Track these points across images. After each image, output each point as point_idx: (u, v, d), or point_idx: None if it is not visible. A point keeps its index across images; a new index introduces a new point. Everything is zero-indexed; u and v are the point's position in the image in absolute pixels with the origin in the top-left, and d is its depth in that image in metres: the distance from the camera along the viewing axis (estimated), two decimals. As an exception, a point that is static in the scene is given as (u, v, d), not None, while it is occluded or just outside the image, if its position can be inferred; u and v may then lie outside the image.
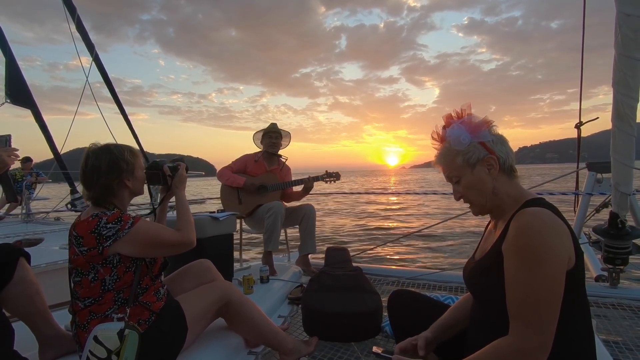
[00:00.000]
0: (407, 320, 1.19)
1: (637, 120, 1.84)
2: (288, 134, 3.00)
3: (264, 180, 2.80)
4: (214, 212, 2.33)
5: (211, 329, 1.46)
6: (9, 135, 1.46)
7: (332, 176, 2.86)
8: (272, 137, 2.88)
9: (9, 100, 3.84)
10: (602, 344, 1.38)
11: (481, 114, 0.98)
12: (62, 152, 4.67)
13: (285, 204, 2.93)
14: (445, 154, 1.01)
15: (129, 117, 4.82)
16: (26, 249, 1.36)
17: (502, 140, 0.98)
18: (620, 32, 1.71)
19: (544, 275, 0.79)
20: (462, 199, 1.02)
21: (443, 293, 2.20)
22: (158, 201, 1.56)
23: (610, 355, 1.29)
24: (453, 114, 1.01)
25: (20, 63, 4.10)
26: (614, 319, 1.85)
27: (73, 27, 4.29)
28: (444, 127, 1.02)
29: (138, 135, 4.82)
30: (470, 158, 0.96)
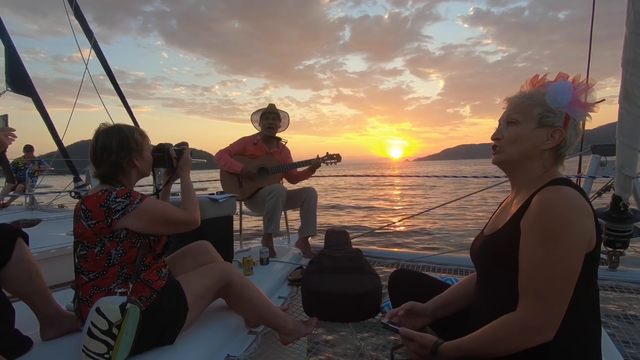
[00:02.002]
0: (408, 299, 1.19)
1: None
2: (286, 115, 2.95)
3: (264, 163, 2.78)
4: (213, 194, 2.32)
5: (211, 309, 1.47)
6: (6, 115, 1.44)
7: (332, 158, 2.83)
8: (270, 117, 2.83)
9: (9, 89, 3.80)
10: (602, 325, 1.39)
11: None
12: (66, 145, 4.65)
13: (286, 186, 2.92)
14: (530, 96, 0.95)
15: (132, 108, 4.77)
16: (24, 230, 1.35)
17: (578, 132, 0.94)
18: (633, 8, 1.65)
19: (563, 253, 0.78)
20: (496, 141, 0.98)
21: (442, 275, 2.21)
22: (161, 183, 1.57)
23: (609, 338, 1.30)
24: (569, 78, 0.95)
25: (24, 55, 4.04)
26: (612, 301, 1.86)
27: (72, 15, 4.19)
28: (551, 82, 0.96)
29: (140, 127, 4.76)
30: (547, 118, 0.91)
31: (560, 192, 0.83)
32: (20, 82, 3.96)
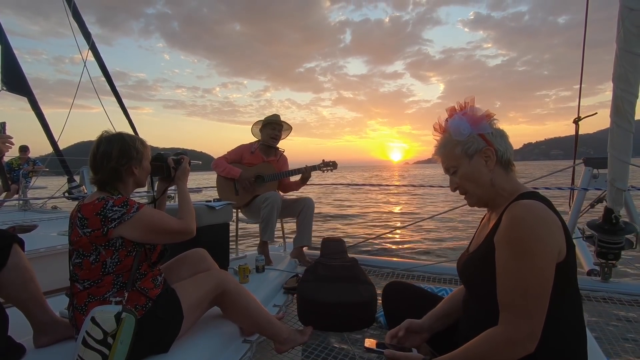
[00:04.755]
0: (401, 311, 1.20)
1: (637, 118, 1.84)
2: (289, 128, 2.96)
3: (260, 170, 2.79)
4: (210, 201, 2.32)
5: (206, 317, 1.47)
6: (4, 123, 1.46)
7: (328, 165, 2.83)
8: (276, 128, 2.83)
9: (4, 88, 3.81)
10: (593, 337, 1.40)
11: (486, 109, 1.00)
12: (65, 146, 4.66)
13: (283, 194, 2.92)
14: (444, 144, 1.03)
15: (131, 110, 4.80)
16: (20, 236, 1.35)
17: (501, 134, 0.99)
18: (623, 26, 1.70)
19: (533, 266, 0.81)
20: (457, 190, 1.04)
21: (437, 285, 2.22)
22: (157, 193, 1.58)
23: (600, 349, 1.31)
24: (456, 107, 1.02)
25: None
26: (604, 312, 1.87)
27: (70, 16, 4.22)
28: (447, 119, 1.03)
29: (136, 128, 4.79)
30: (469, 149, 0.97)
31: (526, 206, 0.86)
32: (15, 81, 3.97)
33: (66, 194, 4.53)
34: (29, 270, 1.30)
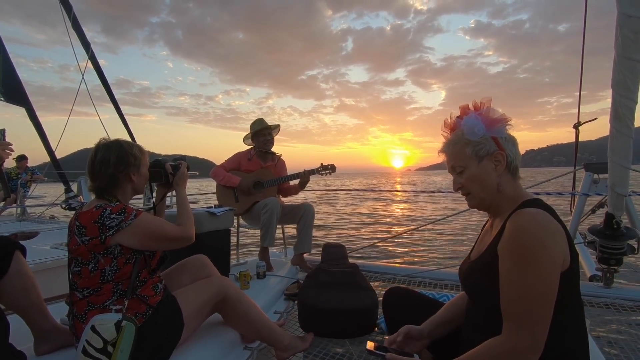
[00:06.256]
0: (402, 317, 1.20)
1: (637, 125, 1.84)
2: (277, 126, 2.96)
3: (259, 176, 2.79)
4: (211, 207, 2.33)
5: (207, 324, 1.47)
6: (4, 130, 1.46)
7: (327, 169, 2.84)
8: (265, 134, 2.85)
9: (2, 98, 3.80)
10: (595, 343, 1.39)
11: (502, 113, 0.98)
12: (68, 153, 4.66)
13: (283, 200, 2.92)
14: (455, 142, 1.00)
15: (134, 117, 4.84)
16: (22, 242, 1.35)
17: (513, 141, 0.98)
18: (621, 33, 1.71)
19: (537, 275, 0.80)
20: (460, 190, 1.02)
21: (439, 290, 2.21)
22: (156, 199, 1.58)
23: (603, 355, 1.30)
24: (470, 106, 1.00)
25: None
26: (607, 318, 1.86)
27: (69, 25, 4.24)
28: (458, 117, 1.01)
29: (140, 135, 4.80)
30: (480, 150, 0.96)
31: (530, 215, 0.85)
32: (13, 91, 3.96)
33: (63, 205, 4.49)
34: (30, 278, 1.30)
